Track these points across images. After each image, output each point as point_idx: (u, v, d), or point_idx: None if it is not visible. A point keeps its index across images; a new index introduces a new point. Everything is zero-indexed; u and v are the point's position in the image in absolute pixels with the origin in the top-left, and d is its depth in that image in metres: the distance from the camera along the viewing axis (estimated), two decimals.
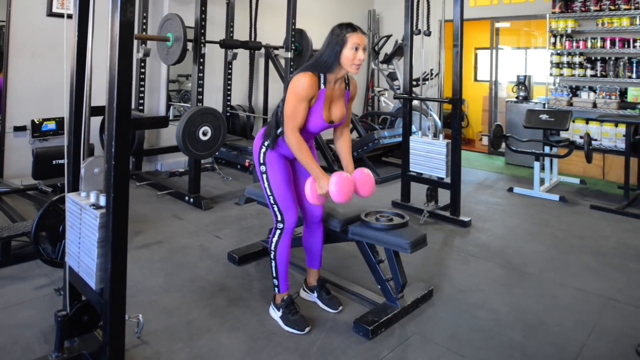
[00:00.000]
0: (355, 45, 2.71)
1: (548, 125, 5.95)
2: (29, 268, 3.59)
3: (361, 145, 6.78)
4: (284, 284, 3.01)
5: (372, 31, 9.95)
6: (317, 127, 2.82)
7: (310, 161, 2.74)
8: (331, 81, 2.80)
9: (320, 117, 2.77)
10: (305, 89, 2.68)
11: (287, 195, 2.93)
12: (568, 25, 7.24)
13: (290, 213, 2.94)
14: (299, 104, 2.70)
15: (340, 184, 2.70)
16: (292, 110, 2.70)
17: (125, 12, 2.09)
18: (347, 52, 2.71)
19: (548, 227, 4.80)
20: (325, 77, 2.77)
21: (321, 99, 2.76)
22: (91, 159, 2.56)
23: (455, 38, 4.86)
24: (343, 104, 2.89)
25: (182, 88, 7.41)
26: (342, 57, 2.72)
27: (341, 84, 2.89)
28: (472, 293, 3.42)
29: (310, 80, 2.70)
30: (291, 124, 2.71)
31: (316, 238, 3.17)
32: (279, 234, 2.97)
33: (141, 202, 5.29)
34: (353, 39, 2.71)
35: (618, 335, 2.90)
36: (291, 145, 2.72)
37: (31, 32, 5.61)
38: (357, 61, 2.72)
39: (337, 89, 2.85)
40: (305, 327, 2.88)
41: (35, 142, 5.56)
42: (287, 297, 2.99)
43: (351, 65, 2.72)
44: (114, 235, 2.14)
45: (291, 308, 2.95)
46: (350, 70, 2.75)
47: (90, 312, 2.57)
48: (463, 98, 5.34)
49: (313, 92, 2.71)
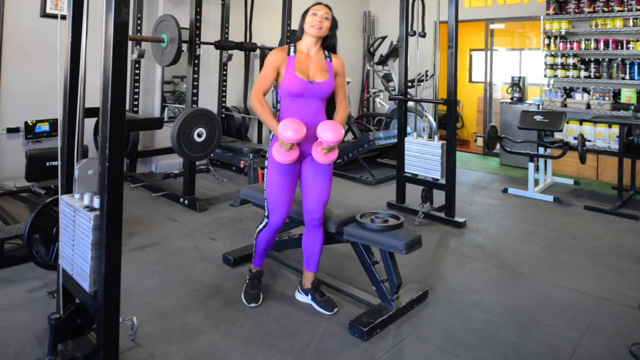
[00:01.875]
0: (314, 12, 3.06)
1: (542, 126, 5.97)
2: (22, 271, 3.57)
3: (356, 147, 6.78)
4: (258, 261, 3.33)
5: (367, 32, 9.97)
6: (299, 86, 2.96)
7: (270, 118, 2.97)
8: (302, 50, 3.10)
9: (295, 75, 2.96)
10: (272, 58, 3.04)
11: (278, 197, 3.04)
12: (562, 27, 7.28)
13: (275, 215, 3.08)
14: (267, 71, 3.03)
15: (285, 123, 2.86)
16: (261, 77, 3.05)
17: (120, 13, 2.09)
18: (308, 18, 3.07)
19: (542, 228, 4.81)
20: (295, 46, 3.10)
21: (291, 63, 3.02)
22: (85, 160, 2.55)
23: (450, 39, 4.87)
24: (325, 69, 3.07)
25: (177, 89, 7.40)
26: (305, 24, 3.08)
27: (318, 54, 3.12)
28: (467, 294, 3.42)
29: (277, 52, 3.06)
30: (256, 87, 3.04)
31: (315, 241, 3.17)
32: (264, 225, 3.19)
33: (135, 204, 5.27)
34: (313, 8, 3.08)
35: (612, 335, 2.91)
36: (254, 104, 3.00)
37: (25, 33, 5.59)
38: (314, 23, 3.03)
39: (313, 57, 3.10)
40: (251, 302, 3.17)
41: (29, 143, 5.54)
42: (256, 272, 3.31)
43: (310, 28, 3.04)
44: (108, 238, 2.13)
45: (253, 282, 3.28)
46: (310, 32, 3.05)
47: (84, 314, 2.55)
48: (458, 99, 5.37)
49: (280, 60, 3.02)
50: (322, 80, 3.00)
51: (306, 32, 3.06)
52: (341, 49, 3.28)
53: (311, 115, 2.99)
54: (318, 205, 3.07)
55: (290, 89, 2.96)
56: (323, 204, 3.08)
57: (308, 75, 3.00)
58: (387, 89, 8.36)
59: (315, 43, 3.10)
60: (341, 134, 2.86)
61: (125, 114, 2.21)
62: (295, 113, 2.97)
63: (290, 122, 2.84)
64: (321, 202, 3.06)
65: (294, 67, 2.98)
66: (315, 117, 3.00)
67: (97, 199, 2.29)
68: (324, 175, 3.06)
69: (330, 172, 3.09)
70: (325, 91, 3.02)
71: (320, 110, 3.04)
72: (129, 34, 2.23)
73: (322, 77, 3.01)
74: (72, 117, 2.62)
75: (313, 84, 2.97)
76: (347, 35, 9.61)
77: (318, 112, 3.02)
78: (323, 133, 2.84)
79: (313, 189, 3.05)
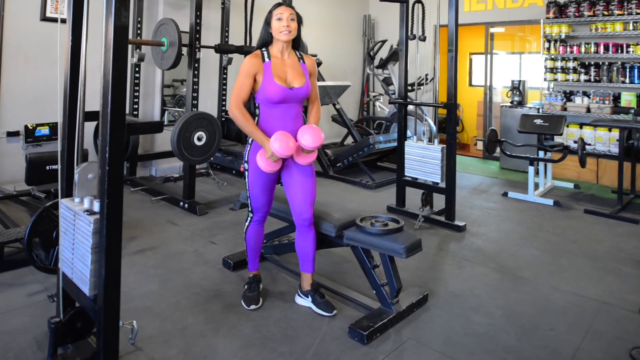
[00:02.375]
0: (278, 16, 3.03)
1: (542, 130, 5.98)
2: (22, 274, 3.56)
3: (356, 150, 6.78)
4: (252, 264, 3.37)
5: (367, 36, 9.98)
6: (279, 93, 2.97)
7: (255, 130, 2.96)
8: (276, 54, 3.09)
9: (274, 83, 2.96)
10: (246, 66, 3.00)
11: (259, 198, 3.16)
12: (562, 31, 7.28)
13: (260, 211, 3.23)
14: (243, 80, 2.99)
15: (278, 138, 2.87)
16: (238, 87, 3.00)
17: (120, 17, 2.09)
18: (274, 24, 3.04)
19: (542, 232, 4.81)
20: (268, 51, 3.08)
21: (267, 70, 3.00)
22: (85, 164, 2.55)
23: (450, 43, 4.87)
24: (301, 73, 3.10)
25: (176, 93, 7.41)
26: (272, 30, 3.05)
27: (291, 55, 3.13)
28: (467, 297, 3.42)
29: (252, 59, 3.02)
30: (234, 97, 2.99)
31: (308, 242, 3.17)
32: (250, 219, 3.29)
33: (135, 207, 5.27)
34: (276, 12, 3.05)
35: (612, 339, 2.91)
36: (236, 117, 2.97)
37: (25, 37, 5.60)
38: (282, 28, 3.01)
39: (288, 60, 3.10)
40: (250, 304, 3.17)
41: (29, 147, 5.54)
42: (252, 277, 3.34)
43: (279, 34, 3.02)
44: (108, 241, 2.13)
45: (252, 286, 3.29)
46: (280, 38, 3.03)
47: (83, 318, 2.56)
48: (458, 103, 5.36)
49: (255, 68, 2.99)
50: (300, 85, 3.04)
51: (276, 38, 3.05)
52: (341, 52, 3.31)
53: (291, 119, 3.06)
54: (306, 206, 3.10)
55: (270, 96, 2.97)
56: (310, 203, 3.12)
57: (286, 81, 3.02)
58: (387, 92, 8.37)
59: (287, 46, 3.11)
60: (321, 138, 2.95)
61: (125, 117, 2.21)
62: (275, 118, 3.03)
63: (282, 137, 2.88)
64: (308, 202, 3.10)
65: (272, 73, 2.99)
66: (294, 121, 3.08)
67: (97, 202, 2.29)
68: (307, 175, 3.12)
69: (312, 171, 3.16)
70: (304, 95, 3.08)
71: (299, 113, 3.11)
72: (129, 37, 2.24)
73: (299, 82, 3.05)
74: (72, 120, 2.63)
75: (292, 90, 3.01)
76: (347, 39, 9.62)
77: (297, 116, 3.09)
78: (304, 139, 2.92)
79: (299, 190, 3.10)
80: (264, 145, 2.93)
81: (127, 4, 2.13)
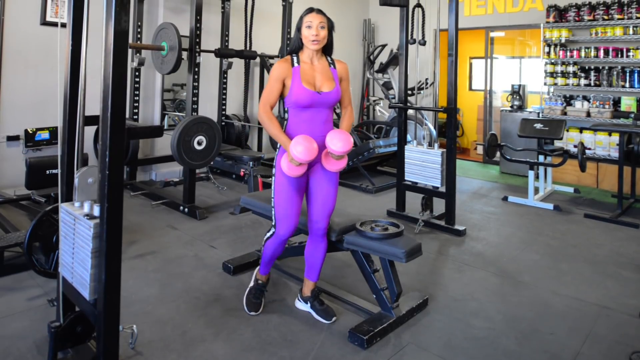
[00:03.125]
0: (308, 24, 2.96)
1: (542, 134, 5.98)
2: (22, 279, 3.56)
3: (356, 155, 6.78)
4: (263, 268, 3.31)
5: (367, 40, 10.01)
6: (307, 98, 2.92)
7: (279, 133, 2.91)
8: (306, 60, 3.04)
9: (302, 87, 2.92)
10: (276, 71, 2.97)
11: (286, 207, 2.99)
12: (562, 35, 7.30)
13: (283, 224, 3.01)
14: (272, 84, 2.97)
15: (299, 142, 2.80)
16: (267, 90, 2.99)
17: (120, 21, 2.10)
18: (305, 32, 2.97)
19: (542, 236, 4.81)
20: (298, 57, 3.04)
21: (296, 74, 2.96)
22: (85, 168, 2.56)
23: (450, 47, 4.88)
24: (331, 78, 3.05)
25: (176, 97, 7.41)
26: (302, 37, 2.99)
27: (321, 60, 3.08)
28: (467, 302, 3.41)
29: (282, 63, 2.99)
30: (263, 101, 2.98)
31: (318, 251, 3.16)
32: (271, 234, 3.16)
33: (135, 212, 5.27)
34: (306, 19, 2.99)
35: (612, 344, 2.90)
36: (262, 119, 2.95)
37: (25, 41, 5.61)
38: (312, 37, 2.95)
39: (318, 65, 3.05)
40: (251, 311, 3.17)
41: (29, 151, 5.54)
42: (261, 283, 3.29)
43: (309, 43, 2.97)
44: (108, 246, 2.13)
45: (257, 291, 3.27)
46: (309, 46, 2.99)
47: (83, 323, 2.55)
48: (458, 107, 5.37)
49: (284, 72, 2.96)
50: (329, 90, 2.98)
51: (306, 45, 2.99)
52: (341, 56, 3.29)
53: (320, 123, 2.98)
54: (323, 215, 3.06)
55: (298, 100, 2.92)
56: (328, 213, 3.07)
57: (315, 86, 2.96)
58: (387, 96, 8.38)
59: (317, 52, 3.04)
60: (350, 142, 2.85)
61: (125, 122, 2.21)
62: (304, 122, 2.95)
63: (303, 141, 2.79)
64: (326, 212, 3.06)
65: (300, 78, 2.94)
66: (324, 126, 3.00)
67: (97, 207, 2.29)
68: (331, 183, 3.05)
69: (336, 181, 3.08)
70: (333, 100, 3.00)
71: (329, 118, 3.04)
72: (129, 41, 2.24)
73: (329, 87, 2.98)
74: (72, 125, 2.63)
75: (321, 94, 2.94)
76: (347, 43, 9.64)
77: (327, 121, 3.02)
78: (332, 143, 2.82)
79: (320, 197, 3.04)
80: (286, 148, 2.86)
81: (127, 8, 2.13)
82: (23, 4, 5.58)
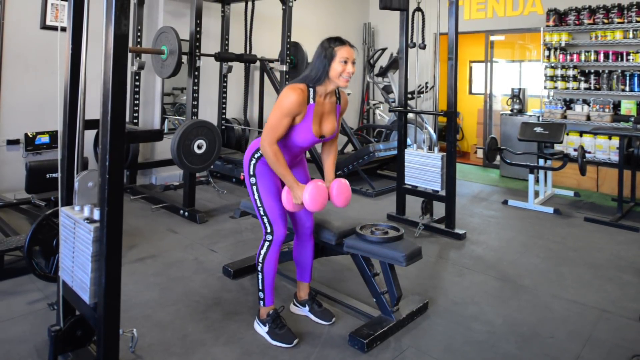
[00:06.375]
0: (344, 59, 2.73)
1: (542, 138, 5.98)
2: (22, 283, 3.56)
3: (356, 159, 6.78)
4: (269, 297, 2.99)
5: (367, 44, 10.02)
6: (308, 142, 2.85)
7: (286, 172, 2.76)
8: (321, 95, 2.82)
9: (310, 132, 2.79)
10: (292, 105, 2.69)
11: (277, 207, 2.93)
12: (562, 39, 7.31)
13: (279, 225, 2.95)
14: (282, 118, 2.71)
15: (313, 193, 2.76)
16: (275, 123, 2.72)
17: (120, 25, 2.10)
18: (336, 66, 2.73)
19: (542, 240, 4.81)
20: (315, 91, 2.79)
21: (309, 114, 2.77)
22: (85, 172, 2.56)
23: (450, 51, 4.89)
24: (334, 118, 2.92)
25: (176, 101, 7.43)
26: (331, 70, 2.74)
27: (331, 97, 2.90)
28: (467, 305, 3.41)
29: (299, 97, 2.70)
30: (270, 136, 2.72)
31: (307, 250, 3.17)
32: (268, 245, 2.96)
33: (136, 215, 5.27)
34: (342, 52, 2.73)
35: (612, 347, 2.90)
36: (267, 155, 2.73)
37: (25, 45, 5.61)
38: (346, 74, 2.74)
39: (327, 103, 2.87)
40: (293, 340, 2.87)
41: (29, 155, 5.54)
42: (273, 312, 2.97)
43: (340, 78, 2.74)
44: (108, 250, 2.13)
45: (278, 322, 2.93)
46: (339, 83, 2.77)
47: (84, 326, 2.56)
48: (458, 111, 5.38)
49: (300, 109, 2.73)
50: (330, 134, 2.90)
51: (332, 79, 2.76)
52: None
53: (301, 154, 3.05)
54: (308, 214, 3.11)
55: (298, 142, 2.84)
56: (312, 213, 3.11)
57: (320, 128, 2.85)
58: (387, 100, 8.39)
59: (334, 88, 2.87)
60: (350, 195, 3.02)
61: (125, 125, 2.22)
62: (286, 152, 2.91)
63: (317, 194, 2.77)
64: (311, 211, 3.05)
65: (312, 119, 2.78)
66: (302, 156, 3.09)
67: (97, 210, 2.29)
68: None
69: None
70: (327, 141, 3.00)
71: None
72: (129, 45, 2.24)
73: (330, 130, 2.89)
74: (72, 129, 2.63)
75: (321, 139, 2.89)
76: None
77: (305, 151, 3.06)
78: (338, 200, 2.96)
79: None
80: (293, 189, 2.77)
81: (127, 12, 2.14)
82: (23, 8, 5.59)
